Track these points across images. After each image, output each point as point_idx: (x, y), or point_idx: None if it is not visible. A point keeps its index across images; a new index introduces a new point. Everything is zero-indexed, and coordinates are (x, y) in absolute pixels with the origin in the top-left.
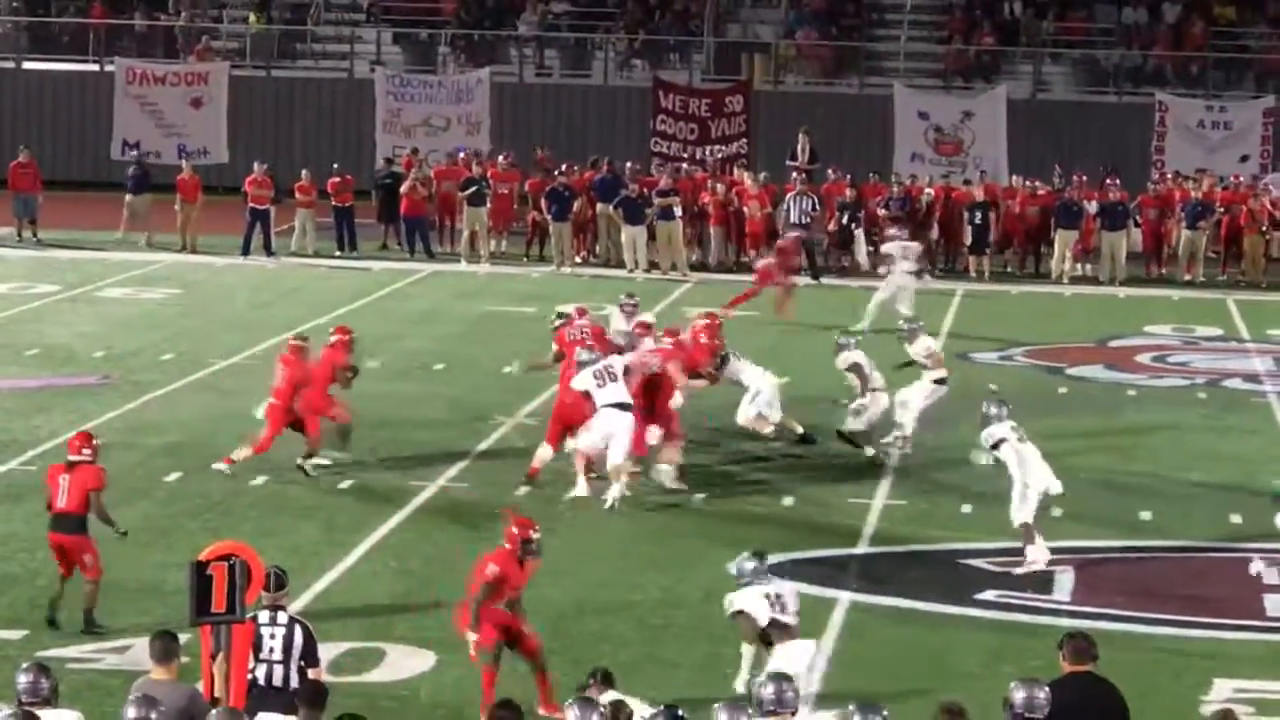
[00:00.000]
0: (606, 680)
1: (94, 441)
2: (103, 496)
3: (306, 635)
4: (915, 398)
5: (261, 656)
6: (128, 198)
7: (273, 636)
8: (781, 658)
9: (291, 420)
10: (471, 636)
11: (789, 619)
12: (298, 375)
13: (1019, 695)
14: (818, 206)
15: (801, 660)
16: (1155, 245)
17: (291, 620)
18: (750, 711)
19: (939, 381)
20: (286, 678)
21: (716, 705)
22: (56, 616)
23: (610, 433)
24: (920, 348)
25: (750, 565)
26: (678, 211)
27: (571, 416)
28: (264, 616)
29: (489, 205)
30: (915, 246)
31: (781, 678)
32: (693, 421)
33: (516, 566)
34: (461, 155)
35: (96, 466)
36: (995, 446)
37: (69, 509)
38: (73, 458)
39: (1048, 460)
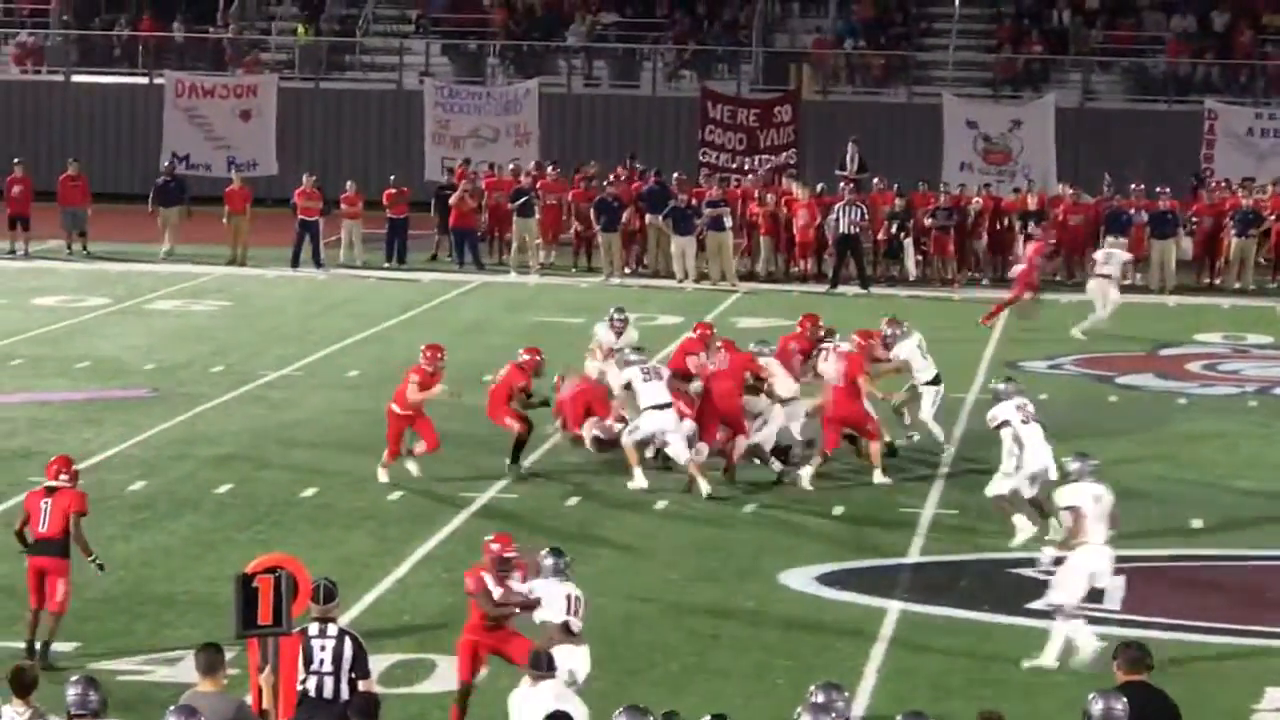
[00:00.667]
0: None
1: (73, 466)
2: (83, 522)
3: (357, 647)
4: (924, 406)
5: (312, 669)
6: (160, 211)
7: (323, 649)
8: (564, 657)
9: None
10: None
11: (577, 625)
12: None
13: (1097, 706)
14: (866, 216)
15: (582, 665)
16: (1206, 253)
17: (341, 632)
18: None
19: (932, 382)
20: (337, 690)
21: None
22: (35, 645)
23: (661, 429)
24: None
25: (549, 563)
26: (728, 222)
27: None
28: (314, 629)
29: (538, 216)
30: (1119, 254)
31: (832, 686)
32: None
33: (494, 582)
34: (511, 167)
35: (77, 490)
36: (998, 428)
37: (51, 534)
38: (51, 482)
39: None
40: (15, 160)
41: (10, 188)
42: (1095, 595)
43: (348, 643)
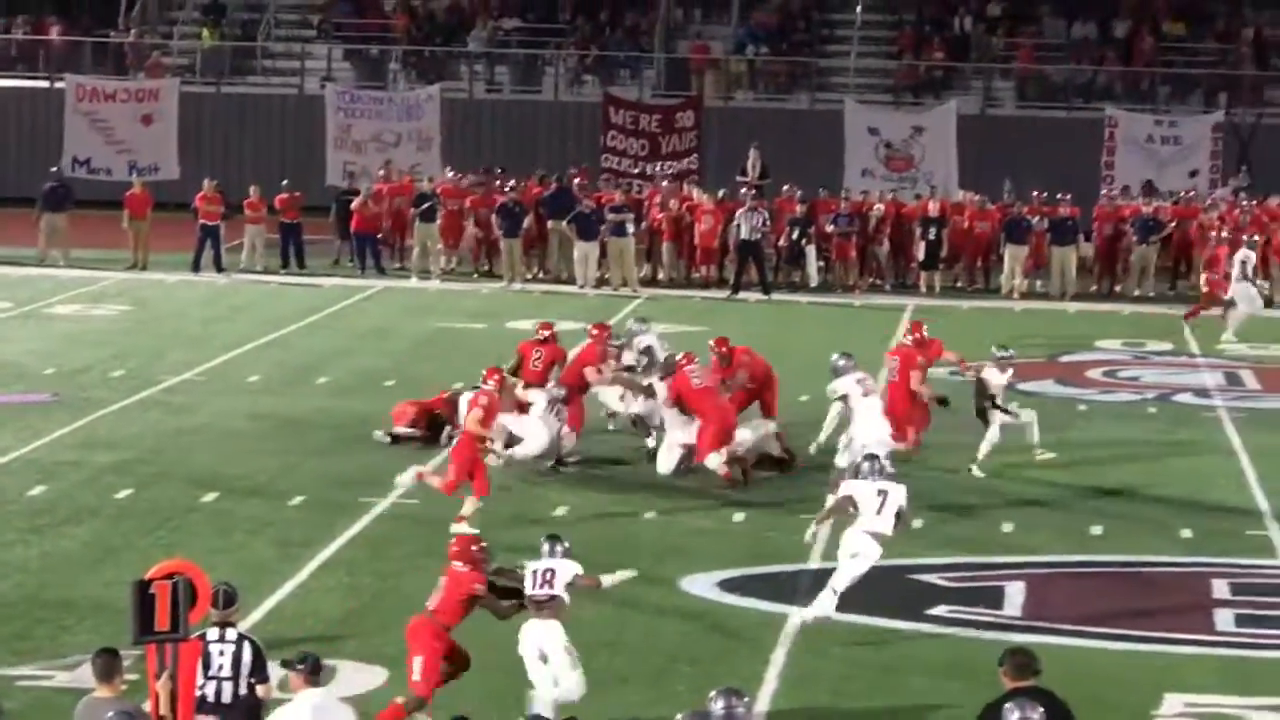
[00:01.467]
0: (315, 669)
1: None
2: None
3: (255, 652)
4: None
5: (210, 674)
6: (45, 215)
7: (221, 653)
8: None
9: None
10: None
11: (542, 595)
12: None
13: (1014, 716)
14: (768, 222)
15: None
16: (1108, 260)
17: (240, 637)
18: None
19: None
20: (236, 694)
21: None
22: None
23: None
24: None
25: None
26: (630, 228)
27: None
28: (213, 634)
29: (439, 221)
30: (1250, 255)
31: (732, 692)
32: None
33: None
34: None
35: None
36: (841, 399)
37: None
38: None
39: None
40: None
41: None
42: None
43: (246, 647)
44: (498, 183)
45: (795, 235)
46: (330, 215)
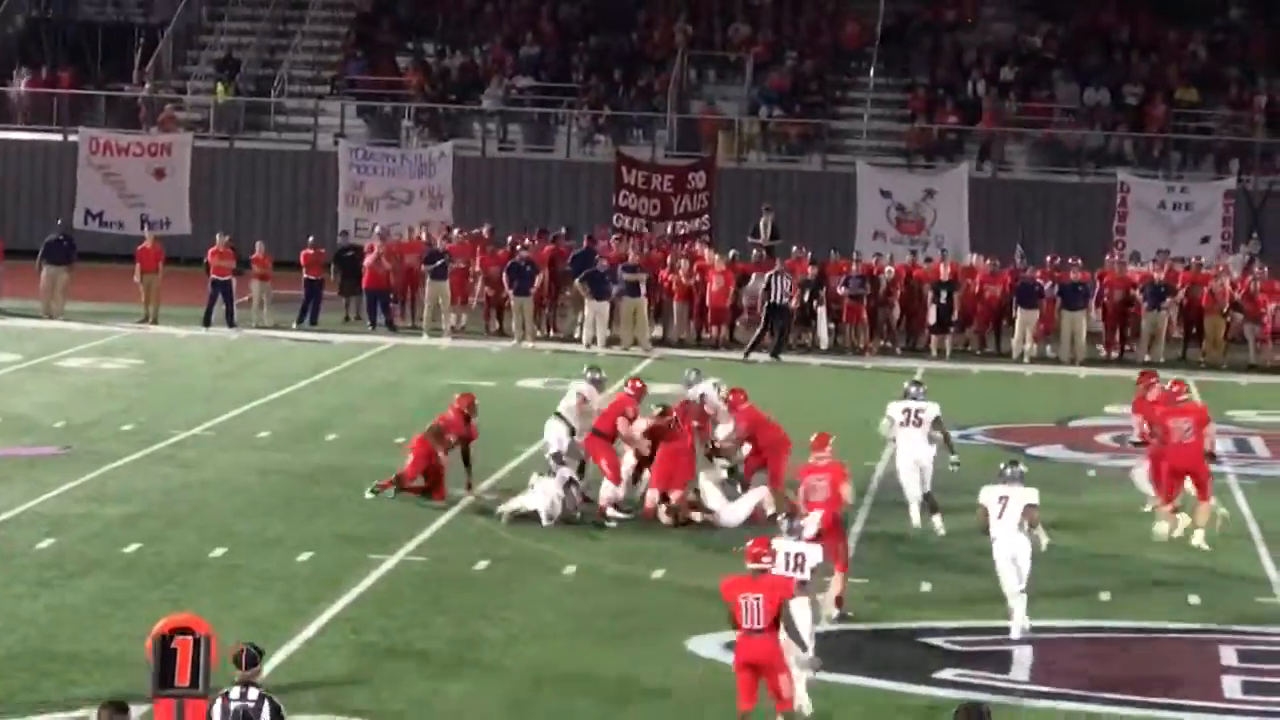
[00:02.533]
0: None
1: None
2: None
3: (274, 712)
4: None
5: None
6: (46, 268)
7: (245, 714)
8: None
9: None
10: None
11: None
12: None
13: None
14: (794, 286)
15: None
16: (1117, 325)
17: (262, 696)
18: None
19: None
20: None
21: None
22: None
23: None
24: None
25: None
26: (643, 288)
27: None
28: (235, 692)
29: (450, 279)
30: None
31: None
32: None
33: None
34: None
35: None
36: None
37: None
38: None
39: None
40: None
41: None
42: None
43: (266, 707)
44: (489, 242)
45: (806, 297)
46: (330, 272)
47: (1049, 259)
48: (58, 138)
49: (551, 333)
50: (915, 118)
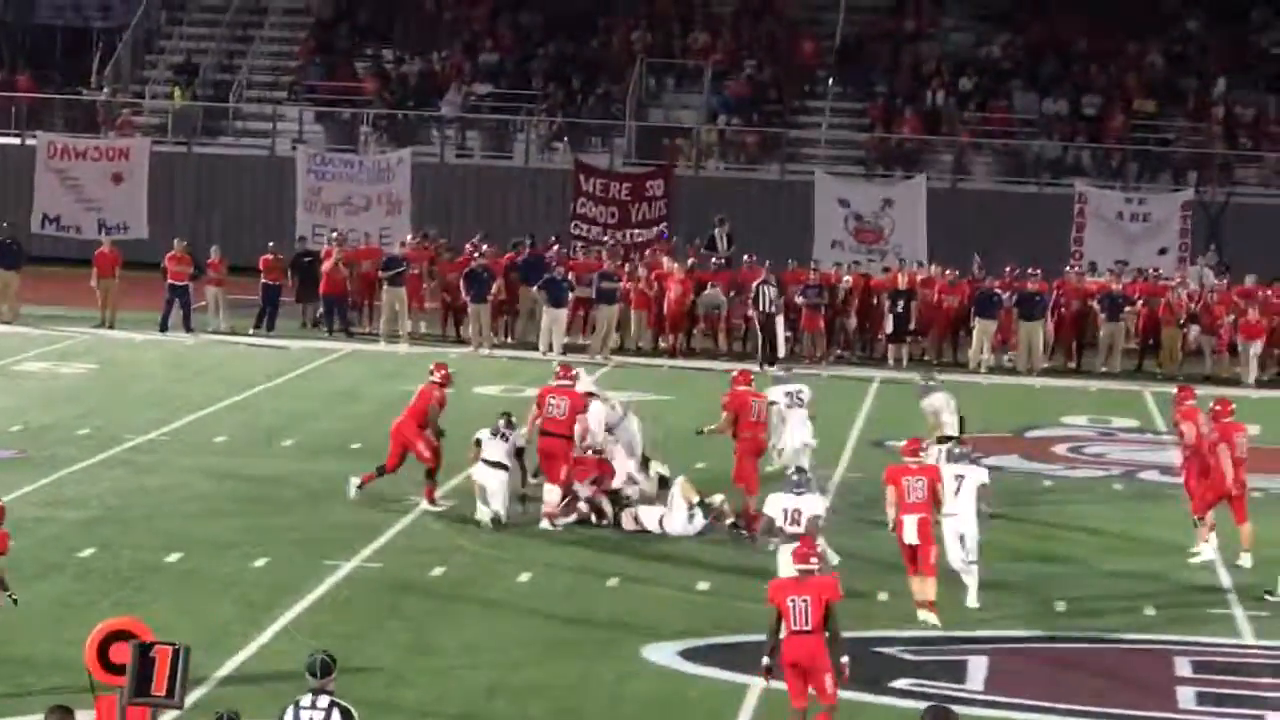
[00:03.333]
0: None
1: None
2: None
3: (345, 717)
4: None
5: None
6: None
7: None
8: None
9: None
10: None
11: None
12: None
13: None
14: (782, 294)
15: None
16: (1074, 336)
17: (332, 704)
18: None
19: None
20: None
21: None
22: None
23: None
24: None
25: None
26: (617, 296)
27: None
28: (305, 700)
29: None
30: None
31: None
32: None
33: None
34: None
35: (3, 530)
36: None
37: None
38: None
39: None
40: None
41: None
42: None
43: (336, 715)
44: (431, 248)
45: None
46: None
47: (1007, 269)
48: (15, 141)
49: (509, 339)
50: (874, 127)
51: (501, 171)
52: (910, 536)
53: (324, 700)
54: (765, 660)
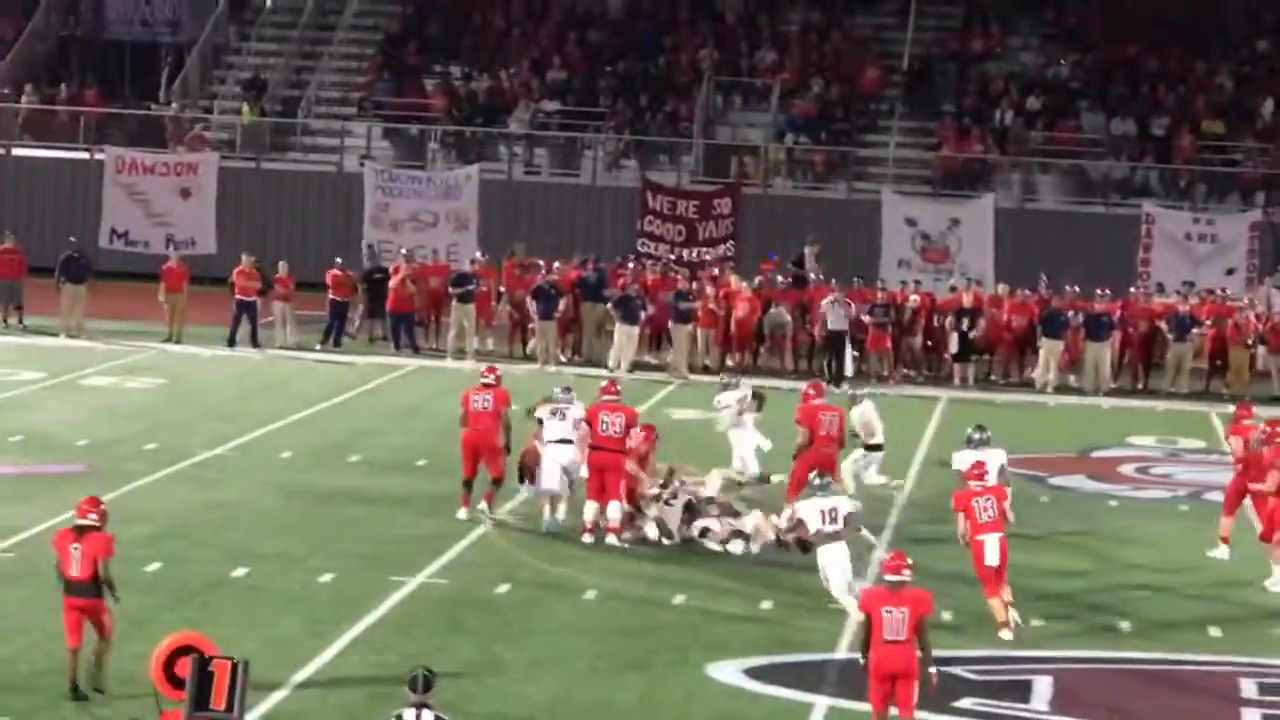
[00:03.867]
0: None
1: (101, 505)
2: (109, 563)
3: None
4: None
5: None
6: (67, 286)
7: None
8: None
9: None
10: None
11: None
12: None
13: None
14: (853, 312)
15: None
16: (1142, 356)
17: (436, 719)
18: None
19: (871, 448)
20: None
21: None
22: (80, 685)
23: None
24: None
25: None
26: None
27: None
28: (409, 715)
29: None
30: None
31: None
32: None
33: None
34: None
35: (106, 534)
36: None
37: (82, 577)
38: (82, 522)
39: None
40: None
41: None
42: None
43: None
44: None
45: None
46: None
47: (1069, 288)
48: (84, 156)
49: (575, 356)
50: (941, 146)
51: (569, 189)
52: (991, 558)
53: (428, 714)
54: (861, 660)
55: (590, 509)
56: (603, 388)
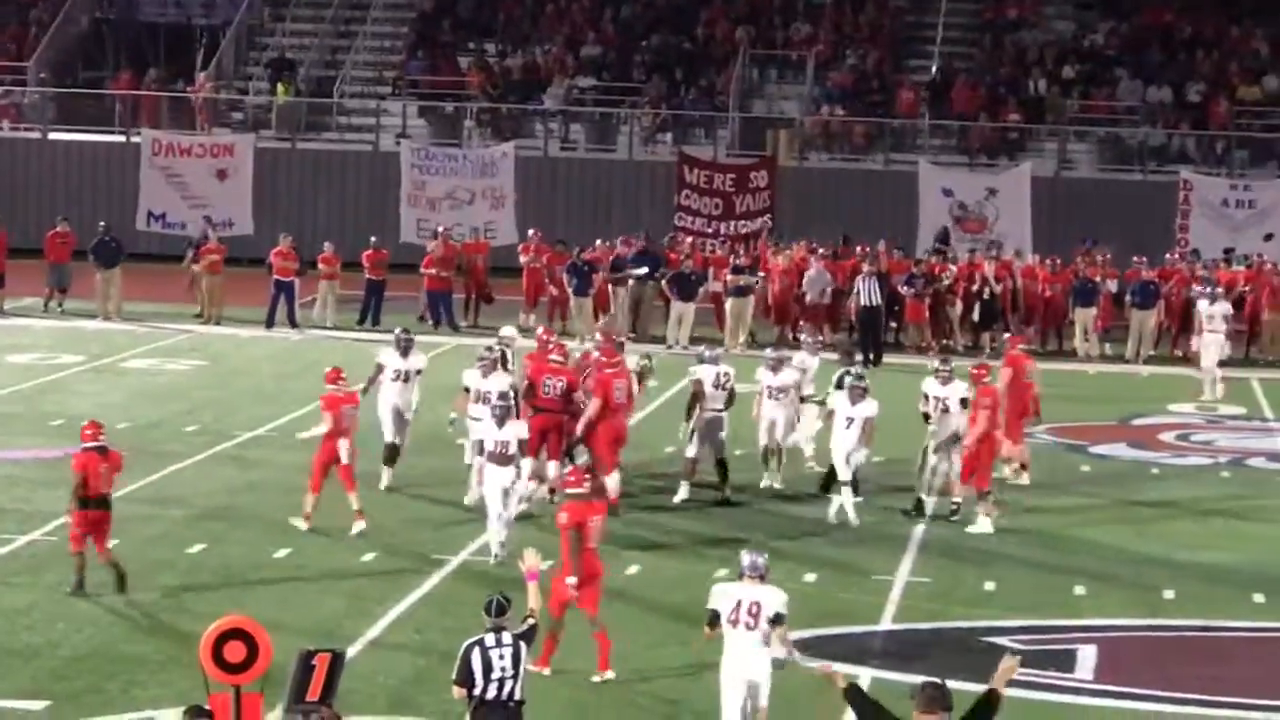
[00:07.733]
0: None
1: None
2: None
3: (520, 651)
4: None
5: (493, 676)
6: (100, 270)
7: (501, 656)
8: None
9: None
10: None
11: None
12: None
13: None
14: (886, 289)
15: None
16: (1183, 323)
17: (515, 638)
18: None
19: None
20: (513, 691)
21: None
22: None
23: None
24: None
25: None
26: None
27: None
28: (490, 639)
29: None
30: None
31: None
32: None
33: None
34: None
35: (117, 451)
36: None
37: (108, 491)
38: (104, 443)
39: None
40: None
41: None
42: None
43: (521, 647)
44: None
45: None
46: (404, 272)
47: (1100, 257)
48: (119, 139)
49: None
50: (977, 116)
51: (605, 164)
52: None
53: (507, 637)
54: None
55: (530, 464)
56: (542, 344)
